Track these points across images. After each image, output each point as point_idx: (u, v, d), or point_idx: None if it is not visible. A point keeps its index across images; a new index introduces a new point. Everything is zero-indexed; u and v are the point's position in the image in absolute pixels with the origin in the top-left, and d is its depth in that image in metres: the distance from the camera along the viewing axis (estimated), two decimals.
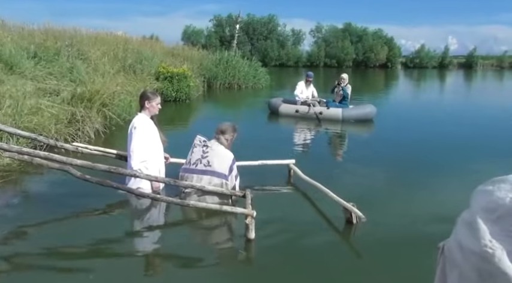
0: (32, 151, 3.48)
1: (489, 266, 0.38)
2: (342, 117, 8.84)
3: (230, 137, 3.95)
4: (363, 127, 8.71)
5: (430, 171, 5.13)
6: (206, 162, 3.76)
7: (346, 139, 7.86)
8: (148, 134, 3.93)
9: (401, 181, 4.77)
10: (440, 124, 9.15)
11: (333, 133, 8.22)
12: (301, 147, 7.00)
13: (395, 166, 5.41)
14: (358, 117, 8.90)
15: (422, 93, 20.99)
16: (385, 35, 58.43)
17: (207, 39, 53.27)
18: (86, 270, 2.69)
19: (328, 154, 6.59)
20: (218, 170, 3.73)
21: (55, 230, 3.27)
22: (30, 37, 9.74)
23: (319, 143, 7.46)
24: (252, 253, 3.05)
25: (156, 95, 4.12)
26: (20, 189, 4.17)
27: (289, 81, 28.27)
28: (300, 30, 60.67)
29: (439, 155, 6.03)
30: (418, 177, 4.87)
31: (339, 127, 8.53)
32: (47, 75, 8.05)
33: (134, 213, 3.81)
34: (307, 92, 9.64)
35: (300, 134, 8.21)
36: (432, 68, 55.12)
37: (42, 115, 5.78)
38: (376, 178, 4.88)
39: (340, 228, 3.44)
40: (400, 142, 7.10)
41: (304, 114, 9.12)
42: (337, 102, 9.18)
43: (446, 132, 8.03)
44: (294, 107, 9.38)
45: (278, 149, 5.95)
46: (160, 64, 12.59)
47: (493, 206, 0.42)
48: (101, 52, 10.74)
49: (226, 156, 3.82)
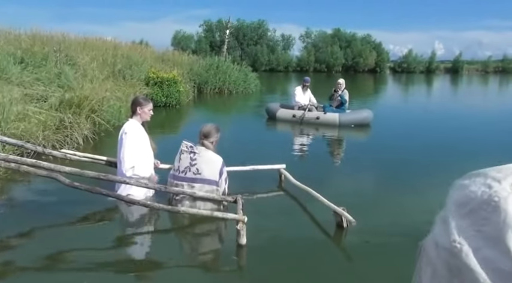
0: (19, 159, 3.43)
1: (457, 262, 0.38)
2: (339, 121, 8.89)
3: (215, 139, 3.85)
4: (360, 132, 8.75)
5: (423, 175, 5.17)
6: (195, 170, 3.69)
7: (343, 144, 7.91)
8: (139, 140, 3.90)
9: (393, 185, 4.80)
10: (434, 128, 9.28)
11: (329, 138, 8.24)
12: (297, 152, 7.02)
13: (389, 171, 5.47)
14: (355, 121, 8.95)
15: (413, 97, 21.22)
16: (374, 40, 59.33)
17: (197, 44, 53.38)
18: (75, 279, 2.64)
19: (323, 159, 6.60)
20: (208, 177, 3.69)
21: (43, 239, 3.21)
22: (16, 42, 9.63)
23: (315, 148, 7.46)
24: (243, 259, 3.04)
25: (148, 101, 4.10)
26: (7, 197, 4.10)
27: (279, 86, 28.44)
28: (289, 35, 61.32)
29: (433, 159, 6.08)
30: (410, 181, 4.91)
31: (336, 132, 8.56)
32: (35, 80, 7.95)
33: (124, 220, 3.77)
34: (304, 96, 9.69)
35: (296, 139, 8.25)
36: (419, 73, 55.97)
37: (29, 121, 5.70)
38: (368, 183, 4.94)
39: (331, 232, 3.45)
40: (395, 147, 7.15)
41: (301, 119, 9.18)
42: (334, 107, 9.23)
43: (440, 137, 8.15)
44: (291, 112, 9.45)
45: (273, 154, 6.00)
46: (150, 69, 12.55)
47: (464, 200, 0.42)
48: (89, 57, 10.66)
49: (215, 162, 3.75)
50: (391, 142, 7.61)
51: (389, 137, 8.18)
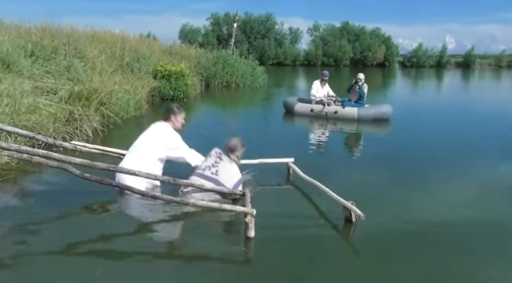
0: (30, 150, 3.47)
1: None
2: (357, 116, 8.82)
3: (239, 153, 4.05)
4: (379, 126, 8.66)
5: (436, 171, 5.13)
6: (215, 171, 3.85)
7: (360, 138, 7.83)
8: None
9: (406, 181, 4.76)
10: (452, 123, 9.17)
11: (347, 132, 8.15)
12: (313, 146, 6.99)
13: (404, 167, 5.43)
14: (374, 116, 8.86)
15: (427, 92, 20.98)
16: (383, 34, 58.69)
17: (205, 37, 53.26)
18: (84, 268, 2.68)
19: (338, 154, 6.52)
20: (222, 181, 3.81)
21: (54, 229, 3.26)
22: (27, 35, 9.68)
23: (332, 142, 7.39)
24: (252, 252, 3.05)
25: (182, 111, 4.26)
26: (19, 187, 4.15)
27: (287, 80, 28.33)
28: (297, 28, 60.86)
29: (450, 156, 6.01)
30: (423, 178, 4.87)
31: (354, 126, 8.48)
32: (45, 73, 8.02)
33: (133, 211, 3.80)
34: (322, 91, 9.67)
35: (313, 133, 8.20)
36: (430, 67, 55.32)
37: (40, 114, 5.77)
38: (380, 178, 4.89)
39: (340, 226, 3.45)
40: (413, 142, 7.05)
41: (319, 113, 9.16)
42: (353, 101, 9.17)
43: (458, 132, 8.07)
44: (308, 106, 9.43)
45: (288, 147, 6.02)
46: (158, 62, 12.57)
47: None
48: (98, 50, 10.70)
49: (235, 175, 3.92)
50: (410, 137, 7.52)
51: (408, 132, 8.07)
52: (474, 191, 4.46)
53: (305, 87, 22.71)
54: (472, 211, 3.86)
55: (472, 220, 3.65)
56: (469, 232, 3.41)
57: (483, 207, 3.99)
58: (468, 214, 3.79)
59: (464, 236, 3.34)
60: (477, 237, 3.34)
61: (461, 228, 3.47)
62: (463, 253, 3.07)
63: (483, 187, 4.59)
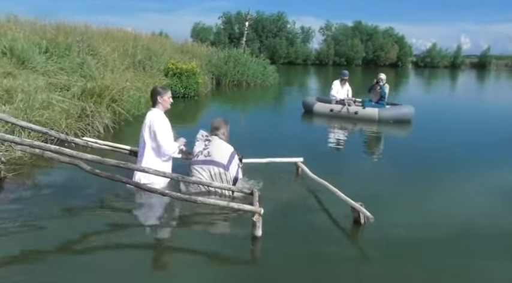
0: (43, 145, 3.52)
1: None
2: (378, 117, 8.68)
3: (225, 130, 4.14)
4: (399, 128, 8.51)
5: (453, 175, 5.01)
6: (206, 153, 3.93)
7: (380, 140, 7.73)
8: (164, 128, 4.01)
9: (419, 183, 4.67)
10: (474, 126, 8.95)
11: (367, 133, 8.04)
12: (331, 146, 6.93)
13: (420, 169, 5.30)
14: (395, 117, 8.71)
15: (444, 93, 20.62)
16: (396, 33, 58.01)
17: (216, 36, 53.30)
18: (92, 263, 2.72)
19: (355, 154, 6.38)
20: (217, 159, 3.87)
21: (63, 223, 3.31)
22: (41, 32, 9.83)
23: (350, 143, 7.30)
24: (258, 251, 3.06)
25: (167, 89, 4.23)
26: (31, 182, 4.22)
27: (298, 79, 28.24)
28: (309, 27, 60.52)
29: (469, 160, 5.85)
30: (439, 181, 4.76)
31: (374, 127, 8.36)
32: (58, 70, 8.14)
33: (142, 208, 3.84)
34: (342, 91, 9.54)
35: (332, 133, 8.11)
36: (444, 68, 54.51)
37: (53, 109, 5.85)
38: (393, 180, 4.83)
39: (348, 227, 3.42)
40: (433, 145, 6.86)
41: (339, 113, 9.05)
42: (374, 101, 9.05)
43: (480, 136, 7.86)
44: (328, 106, 9.32)
45: (305, 147, 5.99)
46: (170, 60, 12.64)
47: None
48: (111, 48, 10.80)
49: (226, 148, 4.00)
50: (430, 139, 7.34)
51: (429, 134, 7.88)
52: (491, 196, 4.34)
53: (316, 86, 22.66)
54: (487, 216, 3.77)
55: (486, 225, 3.56)
56: (482, 238, 3.33)
57: (499, 213, 3.90)
58: (483, 219, 3.69)
59: (476, 241, 3.27)
60: (491, 242, 3.25)
61: (473, 233, 3.41)
62: (474, 258, 3.02)
63: (501, 192, 4.46)
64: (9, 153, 4.66)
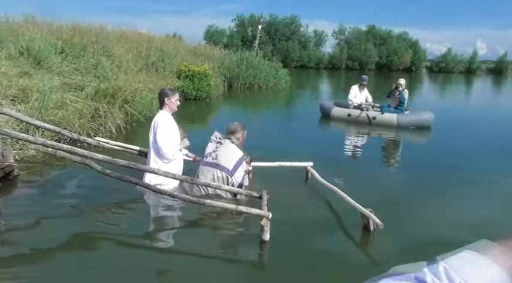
0: (56, 144, 3.57)
1: None
2: (397, 122, 8.55)
3: (241, 136, 4.10)
4: (419, 134, 8.37)
5: (470, 186, 4.86)
6: (214, 156, 3.94)
7: (398, 146, 7.62)
8: (170, 130, 4.01)
9: (433, 192, 4.54)
10: (494, 134, 8.75)
11: (385, 139, 7.93)
12: (347, 151, 6.85)
13: (435, 177, 5.17)
14: (414, 123, 8.57)
15: (460, 98, 20.30)
16: (410, 38, 57.54)
17: (229, 39, 53.55)
18: (99, 262, 2.74)
19: (371, 160, 6.25)
20: (222, 164, 3.86)
21: (73, 222, 3.34)
22: (58, 33, 9.99)
23: (367, 148, 7.20)
24: (266, 255, 3.04)
25: (175, 92, 4.22)
26: (43, 180, 4.29)
27: (310, 82, 28.16)
28: (322, 31, 60.40)
29: (489, 169, 5.68)
30: (454, 191, 4.62)
31: (393, 133, 8.23)
32: (73, 70, 8.26)
33: (150, 209, 3.86)
34: (360, 96, 9.42)
35: (349, 138, 8.02)
36: (459, 73, 53.78)
37: (67, 109, 5.94)
38: (406, 187, 4.75)
39: (357, 234, 3.39)
40: (452, 152, 6.65)
41: (356, 118, 8.94)
42: (392, 107, 8.92)
43: (501, 143, 7.67)
44: (346, 111, 9.20)
45: (320, 152, 5.89)
46: (182, 62, 12.73)
47: None
48: (125, 49, 10.93)
49: (234, 153, 3.96)
50: (450, 147, 7.13)
51: (449, 141, 7.68)
52: (509, 208, 4.18)
53: (328, 90, 22.55)
54: (503, 227, 3.67)
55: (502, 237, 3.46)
56: None
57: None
58: (498, 230, 3.60)
59: None
60: None
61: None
62: None
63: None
64: (23, 151, 4.76)
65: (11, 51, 7.78)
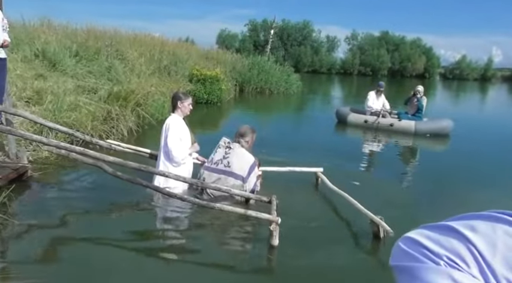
0: (68, 146, 3.62)
1: None
2: (415, 130, 8.41)
3: (250, 139, 4.07)
4: (438, 142, 8.21)
5: (485, 195, 4.71)
6: (226, 163, 3.88)
7: (415, 153, 7.49)
8: (181, 134, 4.03)
9: (446, 201, 4.44)
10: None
11: (402, 146, 7.81)
12: (362, 158, 6.69)
13: (450, 186, 5.01)
14: (433, 130, 8.43)
15: (477, 106, 19.98)
16: (424, 44, 57.07)
17: (241, 43, 53.80)
18: (108, 264, 2.75)
19: (385, 167, 6.09)
20: (236, 171, 3.83)
21: (84, 223, 3.37)
22: (73, 36, 10.19)
23: (383, 155, 7.08)
24: (274, 260, 3.02)
25: (188, 96, 4.24)
26: (56, 181, 4.34)
27: (321, 88, 28.08)
28: (334, 37, 60.30)
29: (505, 177, 5.56)
30: (467, 197, 4.54)
31: (410, 140, 8.09)
32: (87, 73, 8.39)
33: (160, 211, 3.87)
34: (378, 102, 9.32)
35: (365, 145, 7.91)
36: (473, 80, 53.06)
37: (80, 111, 6.02)
38: (420, 196, 4.65)
39: (367, 241, 3.34)
40: (470, 162, 6.45)
41: (373, 125, 8.85)
42: (410, 114, 8.80)
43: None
44: (363, 117, 9.11)
45: (334, 158, 5.87)
46: (194, 67, 12.82)
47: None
48: (138, 53, 11.07)
49: (247, 159, 3.92)
50: (469, 156, 6.93)
51: (468, 150, 7.41)
52: None
53: (340, 96, 22.45)
54: None
55: None
56: None
57: None
58: None
59: None
60: None
61: None
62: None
63: None
64: (37, 152, 4.83)
65: (27, 53, 7.94)
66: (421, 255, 0.42)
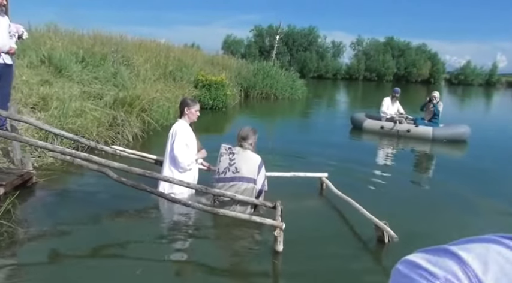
0: (73, 152, 3.63)
1: None
2: (432, 136, 8.31)
3: (253, 141, 3.94)
4: (456, 148, 8.08)
5: (498, 203, 4.59)
6: (234, 169, 3.77)
7: (431, 160, 7.40)
8: (187, 140, 4.02)
9: (456, 209, 4.34)
10: None
11: (419, 152, 7.72)
12: (377, 164, 6.57)
13: (462, 193, 4.87)
14: (450, 137, 8.30)
15: (488, 112, 19.78)
16: (429, 50, 56.93)
17: (247, 49, 54.01)
18: (113, 270, 2.74)
19: (400, 173, 5.89)
20: (247, 175, 3.76)
21: (89, 229, 3.37)
22: (79, 42, 10.26)
23: (398, 161, 6.87)
24: (279, 266, 2.99)
25: (196, 102, 4.24)
26: (61, 187, 4.36)
27: (326, 93, 28.05)
28: (340, 42, 60.36)
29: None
30: (479, 208, 4.41)
31: (428, 147, 7.98)
32: (93, 79, 8.44)
33: (165, 217, 3.87)
34: (393, 108, 9.28)
35: (381, 151, 7.80)
36: (478, 86, 52.74)
37: (85, 117, 6.04)
38: (429, 203, 4.56)
39: (371, 246, 3.31)
40: (487, 169, 6.29)
41: (389, 131, 8.76)
42: (427, 120, 8.72)
43: None
44: (378, 123, 9.03)
45: (349, 164, 5.80)
46: (200, 72, 12.87)
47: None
48: (144, 59, 11.13)
49: (254, 159, 3.83)
50: (486, 163, 6.74)
51: (486, 157, 7.24)
52: None
53: (346, 101, 22.38)
54: None
55: None
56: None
57: None
58: None
59: None
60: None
61: None
62: None
63: None
64: (42, 159, 4.85)
65: (33, 59, 8.01)
66: (419, 276, 0.44)
